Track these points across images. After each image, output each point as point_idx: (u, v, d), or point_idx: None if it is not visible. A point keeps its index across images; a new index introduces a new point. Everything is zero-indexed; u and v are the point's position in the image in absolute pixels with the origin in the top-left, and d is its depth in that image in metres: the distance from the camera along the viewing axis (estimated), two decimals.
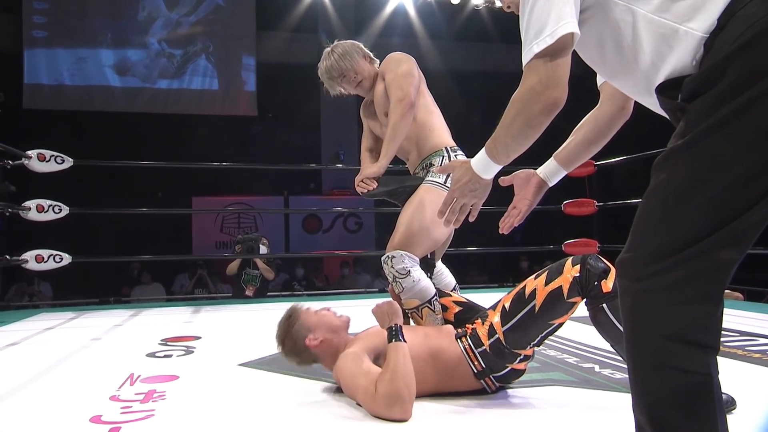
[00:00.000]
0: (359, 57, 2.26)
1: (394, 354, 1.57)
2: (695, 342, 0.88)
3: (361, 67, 2.26)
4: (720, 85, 0.87)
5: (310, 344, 1.72)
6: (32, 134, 6.57)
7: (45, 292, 7.47)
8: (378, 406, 1.53)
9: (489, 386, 1.71)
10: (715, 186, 0.87)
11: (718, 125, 0.86)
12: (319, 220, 10.36)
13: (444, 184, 2.04)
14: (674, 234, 0.89)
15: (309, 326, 1.74)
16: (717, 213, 0.87)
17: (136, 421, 1.55)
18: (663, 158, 0.93)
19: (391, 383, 1.52)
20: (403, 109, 2.09)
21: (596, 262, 1.62)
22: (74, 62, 9.32)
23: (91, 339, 2.83)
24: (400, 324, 1.64)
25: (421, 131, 2.18)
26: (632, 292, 0.92)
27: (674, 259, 0.88)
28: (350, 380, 1.62)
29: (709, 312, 0.89)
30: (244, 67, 10.01)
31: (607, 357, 2.17)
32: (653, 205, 0.93)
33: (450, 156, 2.13)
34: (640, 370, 0.92)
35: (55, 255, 3.73)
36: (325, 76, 2.29)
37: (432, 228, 2.00)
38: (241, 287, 5.01)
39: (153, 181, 8.54)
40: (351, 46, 2.28)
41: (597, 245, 4.56)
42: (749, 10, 0.87)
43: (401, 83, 2.12)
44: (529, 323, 1.63)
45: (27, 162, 3.71)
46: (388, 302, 1.69)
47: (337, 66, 2.24)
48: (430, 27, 10.15)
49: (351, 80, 2.27)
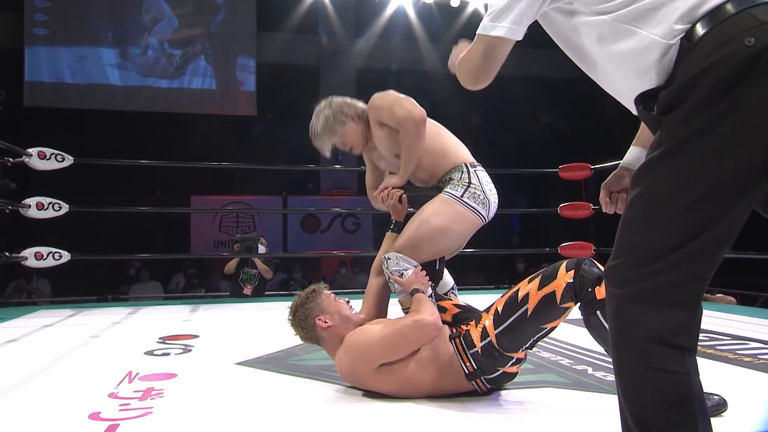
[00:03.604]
0: (348, 119, 2.16)
1: (417, 300, 1.75)
2: (675, 344, 0.92)
3: (348, 132, 2.16)
4: (691, 99, 0.90)
5: (319, 324, 1.77)
6: (33, 132, 6.58)
7: (43, 289, 7.48)
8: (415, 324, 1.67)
9: (480, 388, 1.72)
10: (687, 198, 0.91)
11: (690, 139, 0.90)
12: (317, 220, 10.38)
13: (461, 199, 2.02)
14: (653, 243, 0.93)
15: (324, 308, 1.80)
16: (690, 224, 0.91)
17: (134, 419, 1.56)
18: (642, 169, 0.98)
19: (423, 309, 1.70)
20: (414, 126, 2.02)
21: (590, 268, 1.62)
22: (75, 60, 9.35)
23: (90, 336, 2.85)
24: (424, 291, 1.79)
25: (434, 158, 2.11)
26: (617, 297, 0.96)
27: (653, 267, 0.92)
28: (372, 341, 1.71)
29: (688, 316, 0.93)
30: (244, 67, 10.03)
31: (599, 359, 2.19)
32: (634, 215, 0.97)
33: (469, 171, 2.07)
34: (626, 372, 0.96)
35: (54, 252, 3.74)
36: (311, 136, 2.22)
37: (437, 239, 2.00)
38: (239, 286, 5.03)
39: (152, 179, 8.56)
40: (338, 108, 2.17)
41: (592, 248, 4.59)
42: (720, 31, 0.90)
43: (401, 103, 2.06)
44: (522, 327, 1.64)
45: (27, 160, 3.72)
46: (417, 272, 1.87)
47: (322, 134, 2.17)
48: (429, 29, 10.18)
49: (339, 145, 2.21)
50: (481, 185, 2.06)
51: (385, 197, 2.12)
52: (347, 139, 2.19)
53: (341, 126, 2.16)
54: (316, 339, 1.82)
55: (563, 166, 4.82)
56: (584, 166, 4.77)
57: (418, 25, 10.11)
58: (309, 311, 1.79)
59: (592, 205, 4.75)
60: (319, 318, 1.78)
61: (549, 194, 6.23)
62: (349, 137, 2.18)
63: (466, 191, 2.03)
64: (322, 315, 1.78)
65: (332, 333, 1.78)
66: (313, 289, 1.85)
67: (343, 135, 2.17)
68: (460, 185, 2.04)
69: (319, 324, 1.77)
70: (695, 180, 0.90)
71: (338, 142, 2.19)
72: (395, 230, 2.09)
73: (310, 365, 2.16)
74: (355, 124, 2.18)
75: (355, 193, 10.31)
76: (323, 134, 2.17)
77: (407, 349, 1.68)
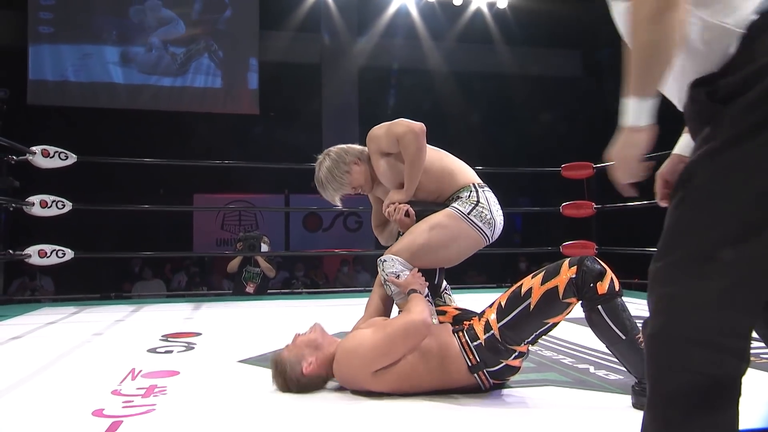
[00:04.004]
0: (351, 165, 2.15)
1: (410, 299, 1.80)
2: (724, 348, 0.88)
3: (354, 178, 2.16)
4: (757, 89, 0.86)
5: (309, 370, 1.74)
6: (36, 130, 6.60)
7: (47, 287, 7.50)
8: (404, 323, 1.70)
9: (483, 382, 1.73)
10: (738, 199, 0.86)
11: (755, 129, 0.85)
12: (319, 218, 10.39)
13: (467, 216, 2.01)
14: (711, 240, 0.88)
15: (297, 359, 1.76)
16: (753, 219, 0.86)
17: (137, 416, 1.57)
18: (693, 164, 0.92)
19: (414, 308, 1.73)
20: (415, 139, 2.00)
21: (593, 264, 1.65)
22: (79, 58, 9.36)
23: (93, 334, 2.86)
24: (420, 291, 1.83)
25: (441, 180, 2.10)
26: (664, 296, 0.92)
27: (711, 266, 0.88)
28: (364, 349, 1.70)
29: (737, 319, 0.89)
30: (247, 66, 10.04)
31: (602, 358, 2.19)
32: (681, 214, 0.92)
33: (477, 191, 2.05)
34: (658, 370, 0.93)
35: (57, 250, 3.76)
36: (318, 188, 2.22)
37: (436, 251, 2.00)
38: (242, 284, 5.05)
39: (155, 178, 8.56)
40: (338, 158, 2.16)
41: (595, 247, 4.59)
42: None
43: (395, 127, 2.05)
44: (525, 321, 1.66)
45: (31, 158, 3.74)
46: (414, 273, 1.90)
47: (329, 186, 2.17)
48: (432, 28, 10.17)
49: (350, 191, 2.21)
50: (489, 205, 2.05)
51: (391, 212, 2.10)
52: (357, 183, 2.19)
53: (347, 175, 2.16)
54: (319, 380, 1.79)
55: (565, 165, 4.82)
56: (586, 165, 4.77)
57: (421, 24, 10.10)
58: (294, 375, 1.74)
59: (594, 204, 4.75)
60: (304, 367, 1.74)
61: (551, 193, 6.23)
62: (357, 182, 2.18)
63: (473, 209, 2.02)
64: (302, 363, 1.74)
65: (321, 364, 1.76)
66: (275, 364, 1.78)
67: (351, 183, 2.17)
68: (468, 203, 2.03)
69: (308, 370, 1.74)
70: (747, 180, 0.85)
71: (347, 190, 2.20)
72: None
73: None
74: (359, 167, 2.18)
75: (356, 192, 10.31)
76: (330, 186, 2.18)
77: (400, 352, 1.68)
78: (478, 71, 10.34)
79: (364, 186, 2.21)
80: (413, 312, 1.72)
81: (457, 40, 10.26)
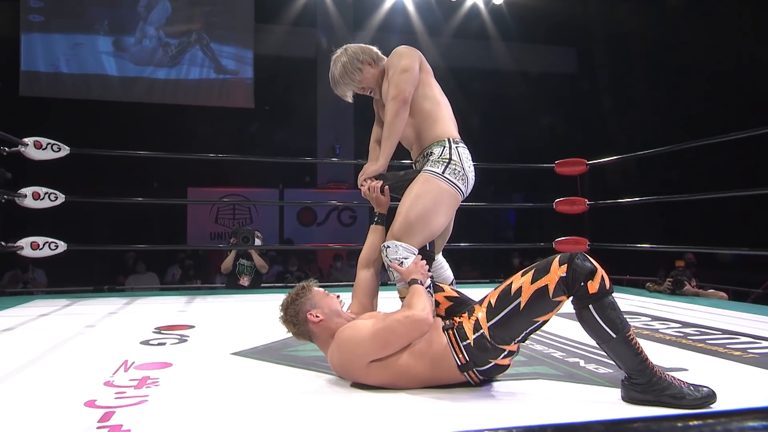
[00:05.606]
0: (365, 65, 2.24)
1: (412, 292, 1.77)
2: None
3: (365, 77, 2.25)
4: None
5: (311, 319, 1.78)
6: (29, 122, 6.56)
7: (39, 280, 7.48)
8: (407, 318, 1.69)
9: (472, 379, 1.73)
10: None
11: None
12: (313, 212, 10.39)
13: (442, 174, 2.05)
14: None
15: (315, 303, 1.81)
16: None
17: (129, 406, 1.58)
18: None
19: (416, 304, 1.72)
20: (397, 107, 2.09)
21: (583, 262, 1.62)
22: (70, 48, 9.30)
23: (86, 326, 2.86)
24: (422, 281, 1.81)
25: (424, 122, 2.16)
26: None
27: None
28: (362, 336, 1.71)
29: None
30: (242, 59, 10.01)
31: (592, 352, 2.21)
32: None
33: (451, 147, 2.10)
34: None
35: (50, 242, 3.75)
36: (332, 84, 2.30)
37: (430, 218, 2.03)
38: (236, 277, 5.05)
39: (149, 171, 8.55)
40: (353, 55, 2.25)
41: (587, 243, 4.61)
42: None
43: (397, 80, 2.12)
44: (514, 320, 1.65)
45: (23, 149, 3.72)
46: (417, 262, 1.89)
47: (341, 81, 2.26)
48: (428, 23, 10.17)
49: (358, 90, 2.29)
50: (461, 162, 2.10)
51: (366, 192, 2.15)
52: (366, 84, 2.27)
53: (359, 73, 2.24)
54: (309, 335, 1.82)
55: (559, 161, 4.83)
56: (580, 162, 4.79)
57: (417, 19, 10.10)
58: (300, 307, 1.80)
59: (587, 200, 4.78)
60: (311, 313, 1.79)
61: (544, 189, 6.25)
62: (368, 81, 2.27)
63: (446, 167, 2.07)
64: (313, 310, 1.79)
65: (324, 327, 1.79)
66: (303, 285, 1.86)
67: (361, 81, 2.26)
68: (440, 162, 2.07)
69: (310, 319, 1.78)
70: None
71: (357, 88, 2.28)
72: (380, 222, 2.11)
73: (305, 356, 2.17)
74: (371, 68, 2.26)
75: (351, 187, 10.31)
76: (342, 81, 2.27)
77: (398, 344, 1.70)
78: (473, 67, 10.34)
79: (375, 89, 2.28)
80: (415, 307, 1.72)
81: (453, 36, 10.26)
